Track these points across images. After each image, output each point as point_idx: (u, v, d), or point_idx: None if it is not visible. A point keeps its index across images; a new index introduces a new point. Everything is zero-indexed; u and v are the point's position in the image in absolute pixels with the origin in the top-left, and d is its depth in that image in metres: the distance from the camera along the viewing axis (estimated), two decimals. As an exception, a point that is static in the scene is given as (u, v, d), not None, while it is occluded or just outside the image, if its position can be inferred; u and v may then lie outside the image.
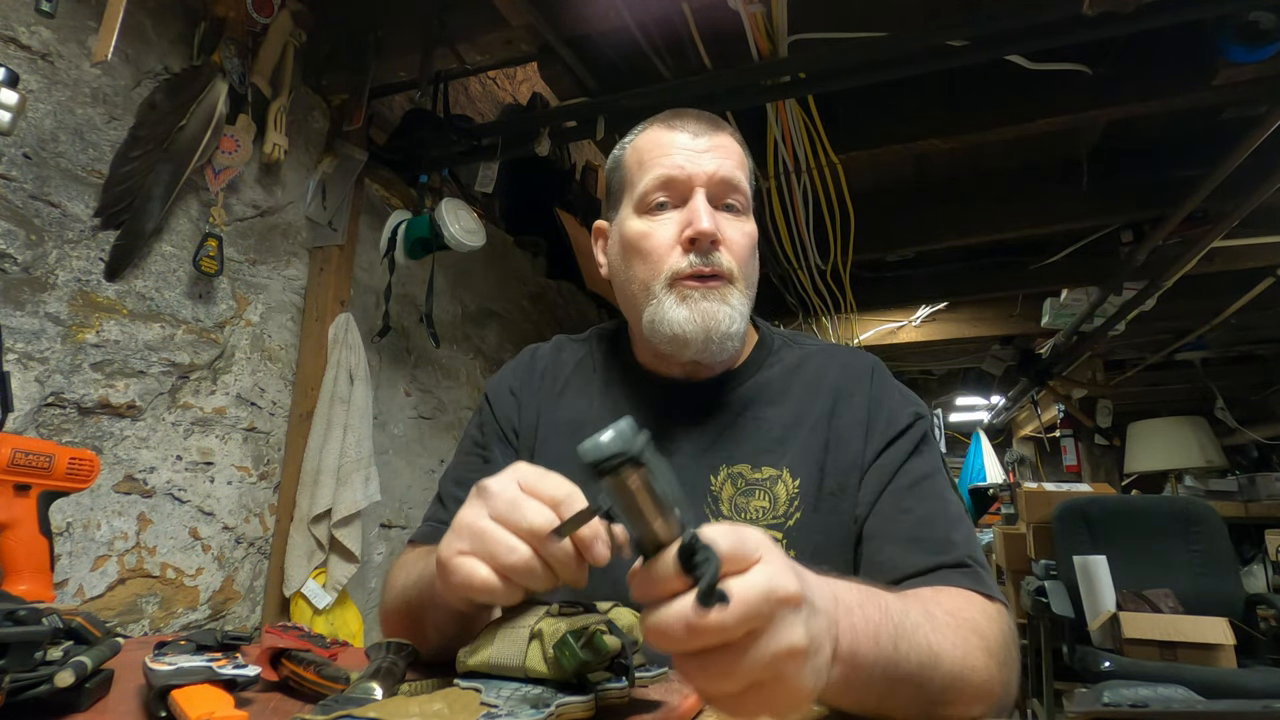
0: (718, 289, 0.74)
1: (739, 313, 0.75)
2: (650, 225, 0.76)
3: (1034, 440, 6.76)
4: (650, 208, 0.77)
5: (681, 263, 0.74)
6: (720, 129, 0.79)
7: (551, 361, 0.88)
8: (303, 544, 1.68)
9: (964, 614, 0.58)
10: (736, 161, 0.78)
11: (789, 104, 2.03)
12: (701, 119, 0.79)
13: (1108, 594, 2.58)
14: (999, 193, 2.74)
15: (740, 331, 0.75)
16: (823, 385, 0.79)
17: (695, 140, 0.76)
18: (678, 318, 0.73)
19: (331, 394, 1.77)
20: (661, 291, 0.75)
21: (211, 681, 0.50)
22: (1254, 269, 2.99)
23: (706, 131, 0.78)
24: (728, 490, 0.73)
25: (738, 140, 0.81)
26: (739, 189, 0.77)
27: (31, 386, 1.25)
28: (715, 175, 0.75)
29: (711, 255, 0.74)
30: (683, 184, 0.75)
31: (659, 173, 0.76)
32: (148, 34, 1.48)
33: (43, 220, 1.28)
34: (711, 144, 0.77)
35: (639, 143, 0.81)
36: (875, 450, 0.74)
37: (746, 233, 0.77)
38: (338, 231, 1.89)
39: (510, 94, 2.88)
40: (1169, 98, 1.91)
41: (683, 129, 0.78)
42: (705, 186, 0.75)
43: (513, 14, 1.67)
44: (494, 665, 0.50)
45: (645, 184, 0.76)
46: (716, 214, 0.75)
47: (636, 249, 0.77)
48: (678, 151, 0.76)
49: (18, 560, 0.89)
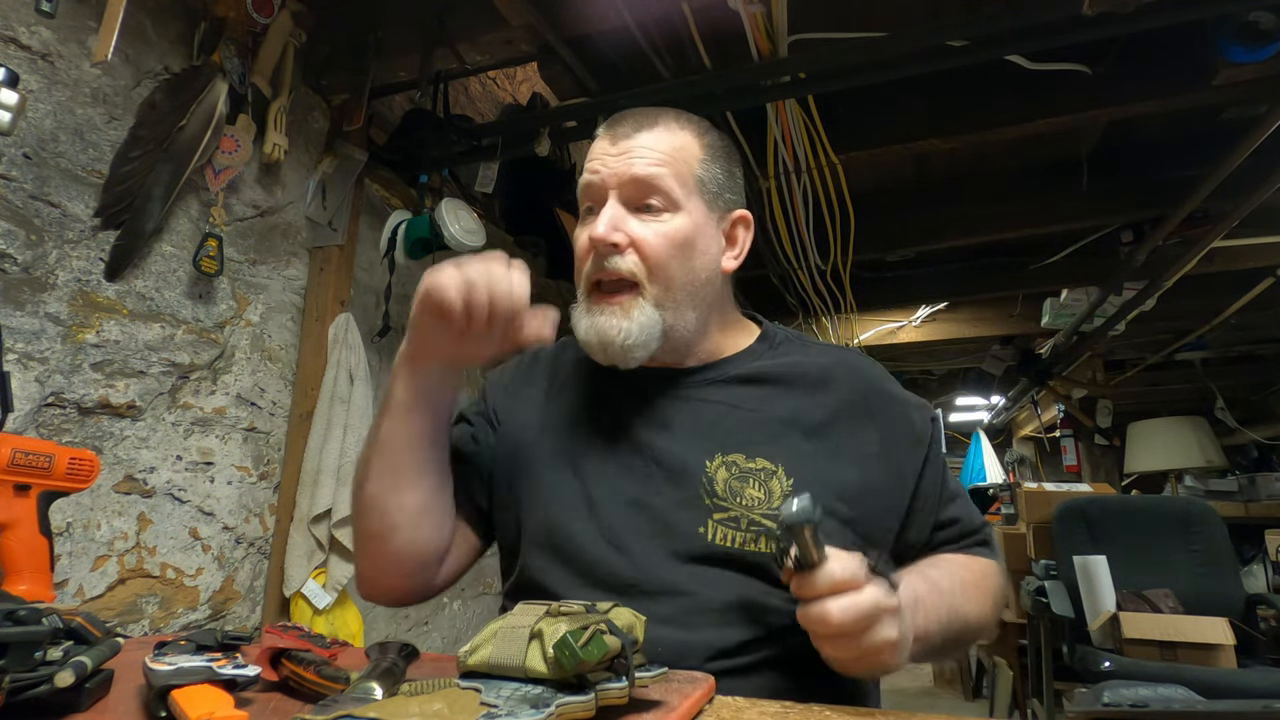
0: (620, 304, 0.75)
1: (639, 324, 0.74)
2: (579, 231, 0.80)
3: (1034, 440, 6.76)
4: (583, 215, 0.80)
5: (590, 268, 0.77)
6: (653, 126, 0.78)
7: (553, 358, 0.90)
8: (303, 544, 1.68)
9: (984, 579, 0.79)
10: (659, 159, 0.76)
11: (789, 104, 2.03)
12: (636, 119, 0.79)
13: (1108, 594, 2.58)
14: (999, 193, 2.74)
15: (642, 341, 0.75)
16: (830, 388, 0.79)
17: (615, 145, 0.77)
18: (581, 326, 0.78)
19: (331, 394, 1.77)
20: (583, 298, 0.79)
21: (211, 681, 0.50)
22: (1254, 269, 2.99)
23: (631, 133, 0.77)
24: (722, 475, 0.73)
25: (682, 131, 0.79)
26: (656, 187, 0.76)
27: (31, 386, 1.25)
28: (625, 176, 0.76)
29: (609, 260, 0.75)
30: (598, 189, 0.77)
31: (582, 180, 0.79)
32: (148, 34, 1.48)
33: (43, 220, 1.28)
34: (632, 145, 0.76)
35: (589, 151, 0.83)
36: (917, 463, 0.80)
37: (662, 233, 0.76)
38: (338, 231, 1.89)
39: (510, 94, 2.88)
40: (1169, 98, 1.91)
41: (611, 134, 0.79)
42: (617, 189, 0.76)
43: (513, 14, 1.67)
44: (494, 665, 0.50)
45: (579, 190, 0.80)
46: (630, 216, 0.76)
47: (575, 255, 0.81)
48: (597, 157, 0.78)
49: (18, 560, 0.89)
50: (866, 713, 0.55)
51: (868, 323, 4.20)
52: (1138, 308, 3.11)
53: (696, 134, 0.80)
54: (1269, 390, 4.97)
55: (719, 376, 0.81)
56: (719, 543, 0.70)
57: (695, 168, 0.79)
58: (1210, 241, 2.46)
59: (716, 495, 0.72)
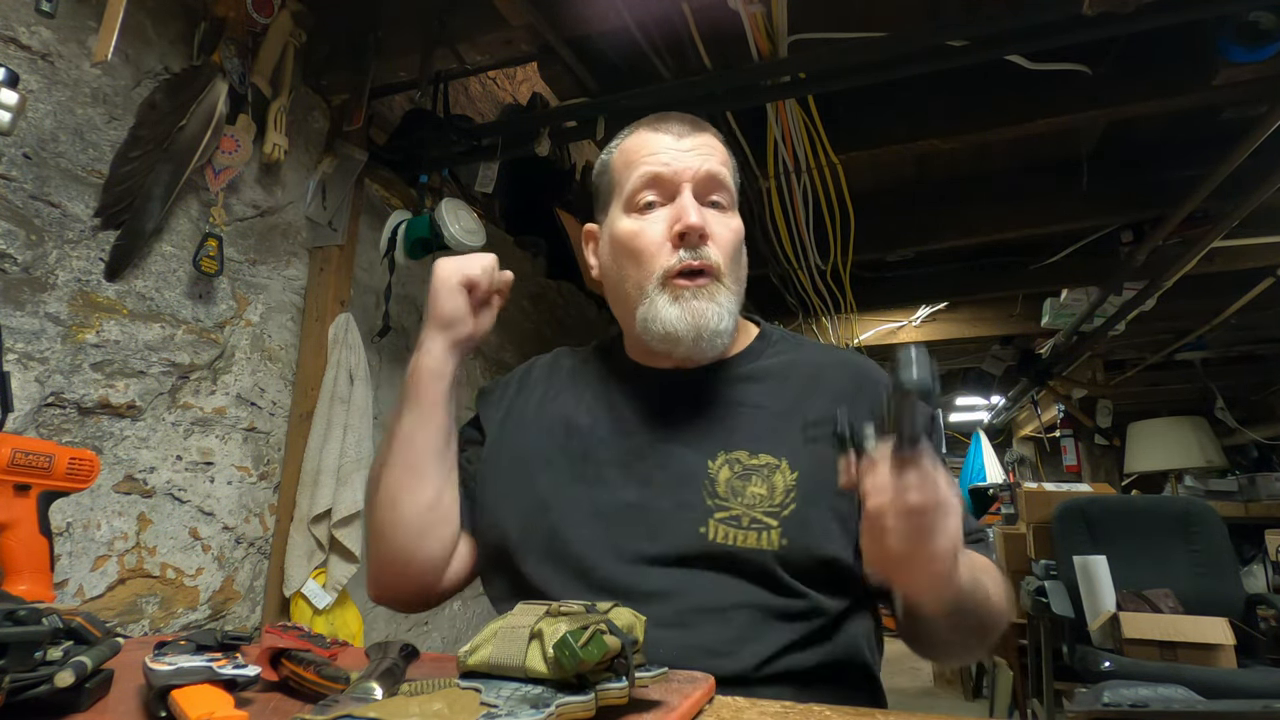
0: (706, 286, 0.76)
1: (727, 310, 0.76)
2: (640, 224, 0.78)
3: (1034, 440, 6.76)
4: (639, 207, 0.79)
5: (672, 259, 0.76)
6: (703, 129, 0.82)
7: (550, 365, 0.92)
8: (303, 544, 1.68)
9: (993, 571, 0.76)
10: (720, 159, 0.80)
11: (789, 104, 2.03)
12: (685, 120, 0.82)
13: (1108, 594, 2.58)
14: (999, 193, 2.74)
15: (729, 329, 0.77)
16: (826, 385, 0.80)
17: (680, 140, 0.79)
18: (670, 316, 0.75)
19: (331, 394, 1.77)
20: (654, 290, 0.76)
21: (211, 681, 0.50)
22: (1254, 269, 2.99)
23: (690, 132, 0.80)
24: (724, 474, 0.73)
25: (720, 140, 0.83)
26: (724, 186, 0.79)
27: (31, 386, 1.25)
28: (700, 171, 0.77)
29: (700, 249, 0.76)
30: (670, 181, 0.77)
31: (646, 171, 0.78)
32: (148, 34, 1.48)
33: (43, 220, 1.28)
34: (695, 143, 0.79)
35: (626, 145, 0.82)
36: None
37: (732, 228, 0.79)
38: (338, 231, 1.89)
39: (510, 94, 2.88)
40: (1169, 98, 1.91)
41: (667, 130, 0.80)
42: (692, 183, 0.77)
43: (513, 14, 1.67)
44: (494, 665, 0.50)
45: (633, 183, 0.78)
46: (704, 210, 0.77)
47: (628, 248, 0.78)
48: (663, 151, 0.78)
49: (18, 560, 0.89)
50: (866, 713, 0.55)
51: (868, 323, 4.20)
52: (1138, 308, 3.11)
53: (727, 144, 0.85)
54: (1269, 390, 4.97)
55: (725, 374, 0.82)
56: (719, 540, 0.70)
57: (735, 174, 0.83)
58: (1210, 241, 2.46)
59: (718, 495, 0.72)
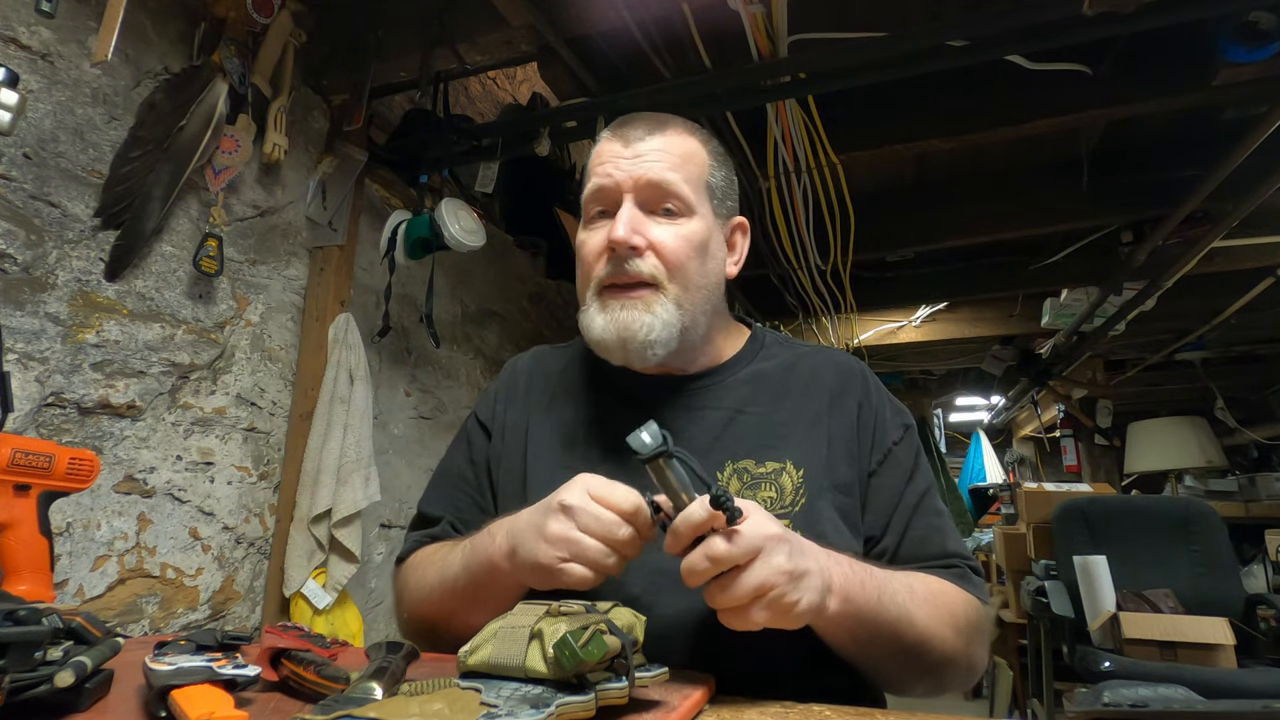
0: (641, 298, 0.75)
1: (661, 320, 0.74)
2: (586, 235, 0.80)
3: (1034, 440, 6.76)
4: (591, 217, 0.80)
5: (603, 270, 0.76)
6: (662, 130, 0.79)
7: (532, 372, 0.90)
8: (303, 544, 1.68)
9: (941, 595, 0.70)
10: (673, 163, 0.77)
11: (789, 104, 2.03)
12: (645, 122, 0.79)
13: (1108, 594, 2.58)
14: (999, 193, 2.74)
15: (665, 338, 0.75)
16: (819, 384, 0.81)
17: (628, 148, 0.77)
18: (596, 324, 0.76)
19: (331, 394, 1.77)
20: (590, 298, 0.78)
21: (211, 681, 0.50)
22: (1254, 269, 2.99)
23: (644, 136, 0.78)
24: (734, 485, 0.74)
25: (690, 138, 0.80)
26: (673, 193, 0.76)
27: (31, 386, 1.25)
28: (641, 180, 0.76)
29: (629, 263, 0.75)
30: (612, 192, 0.77)
31: (593, 183, 0.78)
32: (148, 34, 1.48)
33: (43, 220, 1.28)
34: (646, 149, 0.77)
35: (592, 153, 0.82)
36: (876, 460, 0.78)
37: (682, 235, 0.76)
38: (338, 231, 1.89)
39: (510, 94, 2.87)
40: (1169, 98, 1.91)
41: (620, 137, 0.79)
42: (633, 193, 0.76)
43: (513, 14, 1.67)
44: (494, 665, 0.50)
45: (586, 194, 0.79)
46: (646, 220, 0.76)
47: (578, 256, 0.80)
48: (610, 160, 0.78)
49: (18, 560, 0.89)
50: (866, 713, 0.55)
51: (868, 323, 4.20)
52: (1138, 308, 3.11)
53: (703, 140, 0.82)
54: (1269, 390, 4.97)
55: (721, 381, 0.81)
56: None
57: (705, 173, 0.80)
58: (1210, 241, 2.46)
59: None
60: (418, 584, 0.78)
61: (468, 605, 0.71)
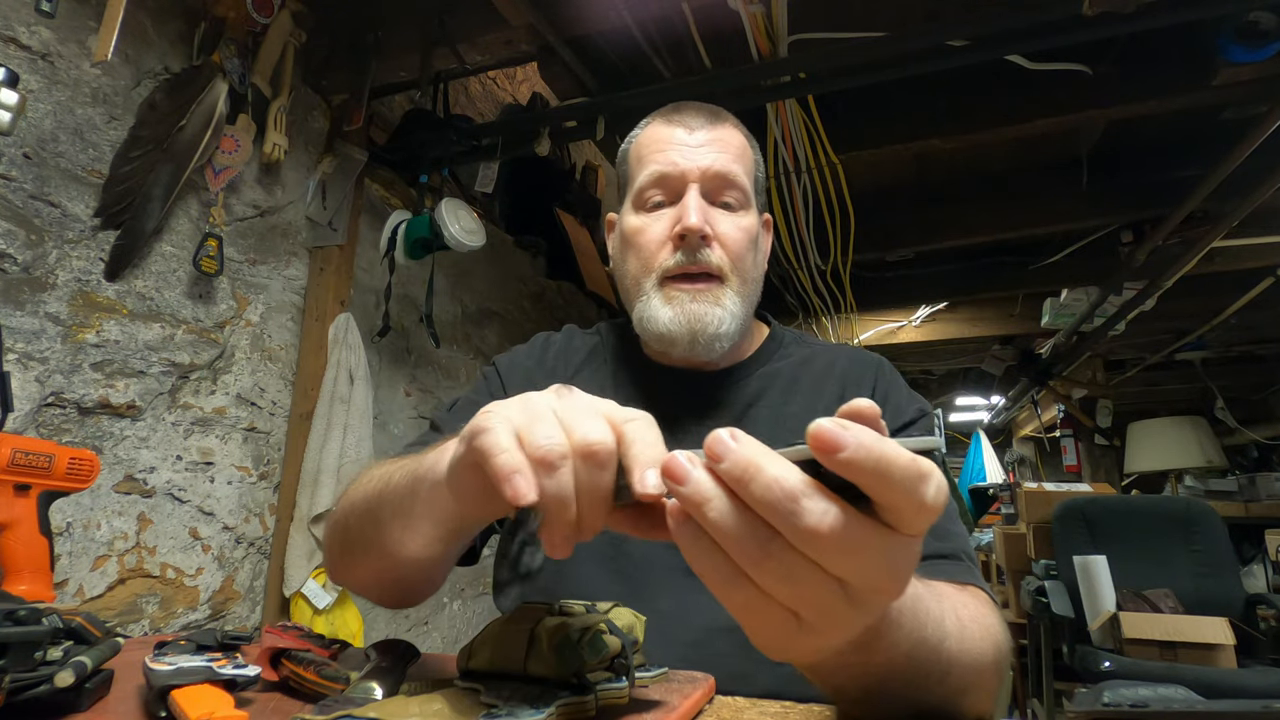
0: (708, 290, 0.74)
1: (730, 313, 0.74)
2: (644, 221, 0.77)
3: (1034, 440, 6.76)
4: (647, 204, 0.78)
5: (670, 260, 0.74)
6: (720, 122, 0.79)
7: (564, 348, 0.88)
8: (303, 544, 1.68)
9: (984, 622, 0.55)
10: (734, 155, 0.77)
11: (789, 104, 2.03)
12: (702, 112, 0.79)
13: (1108, 594, 2.58)
14: (999, 193, 2.74)
15: (732, 331, 0.75)
16: (832, 376, 0.81)
17: (691, 135, 0.76)
18: (663, 317, 0.74)
19: (331, 394, 1.77)
20: (651, 289, 0.76)
21: (211, 681, 0.50)
22: (1254, 269, 2.99)
23: (705, 125, 0.77)
24: None
25: (740, 131, 0.80)
26: (735, 184, 0.76)
27: (31, 386, 1.25)
28: (709, 170, 0.75)
29: (700, 252, 0.74)
30: (676, 180, 0.75)
31: (653, 169, 0.76)
32: (148, 34, 1.48)
33: (43, 220, 1.28)
34: (709, 138, 0.76)
35: (641, 138, 0.81)
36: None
37: (743, 228, 0.76)
38: (338, 231, 1.89)
39: (510, 94, 2.87)
40: (1169, 98, 1.91)
41: (680, 124, 0.78)
42: (699, 182, 0.75)
43: (513, 14, 1.67)
44: (494, 665, 0.50)
45: (641, 180, 0.77)
46: (711, 210, 0.75)
47: (632, 244, 0.78)
48: (672, 147, 0.76)
49: (18, 560, 0.89)
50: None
51: (868, 323, 4.19)
52: (1138, 308, 3.10)
53: (748, 135, 0.82)
54: (1269, 390, 4.97)
55: (739, 378, 0.81)
56: None
57: (754, 168, 0.81)
58: (1210, 241, 2.46)
59: None
60: (349, 494, 0.66)
61: (374, 522, 0.58)
